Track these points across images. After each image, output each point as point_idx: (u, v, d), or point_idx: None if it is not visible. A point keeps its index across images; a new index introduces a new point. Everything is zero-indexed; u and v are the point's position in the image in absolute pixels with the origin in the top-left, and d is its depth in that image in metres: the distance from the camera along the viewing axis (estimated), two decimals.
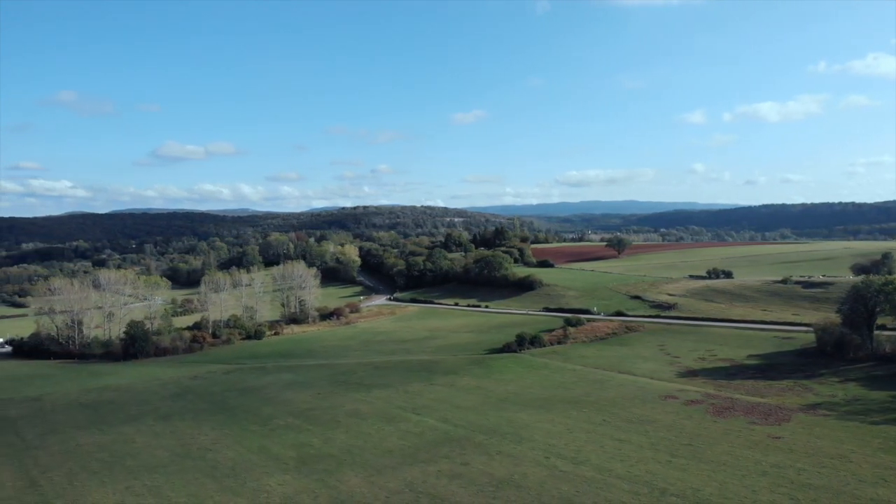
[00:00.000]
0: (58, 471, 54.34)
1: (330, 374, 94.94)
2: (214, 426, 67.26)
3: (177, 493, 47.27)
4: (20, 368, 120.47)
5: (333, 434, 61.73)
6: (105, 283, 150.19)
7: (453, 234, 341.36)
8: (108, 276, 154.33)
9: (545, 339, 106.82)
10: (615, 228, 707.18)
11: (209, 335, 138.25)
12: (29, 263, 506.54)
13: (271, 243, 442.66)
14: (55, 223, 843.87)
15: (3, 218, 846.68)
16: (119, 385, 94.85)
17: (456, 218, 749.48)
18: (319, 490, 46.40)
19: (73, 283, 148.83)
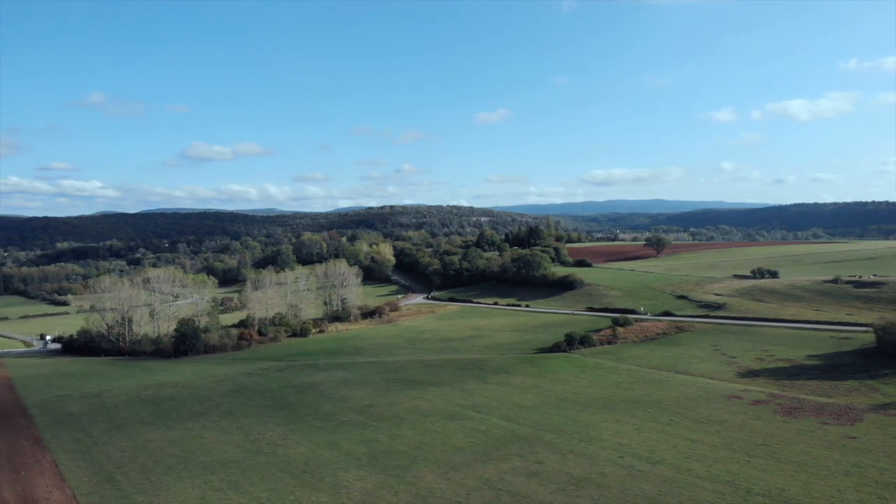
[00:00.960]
0: (131, 466, 55.21)
1: (382, 371, 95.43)
2: (279, 422, 67.95)
3: (256, 488, 47.82)
4: (73, 365, 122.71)
5: (399, 430, 62.01)
6: (154, 282, 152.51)
7: (486, 234, 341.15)
8: (157, 275, 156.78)
9: (595, 339, 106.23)
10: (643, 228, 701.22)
11: (256, 333, 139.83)
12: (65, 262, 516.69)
13: (305, 242, 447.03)
14: (88, 222, 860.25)
15: (37, 217, 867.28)
16: (176, 382, 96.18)
17: (482, 217, 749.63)
18: (397, 486, 46.67)
19: (123, 282, 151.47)
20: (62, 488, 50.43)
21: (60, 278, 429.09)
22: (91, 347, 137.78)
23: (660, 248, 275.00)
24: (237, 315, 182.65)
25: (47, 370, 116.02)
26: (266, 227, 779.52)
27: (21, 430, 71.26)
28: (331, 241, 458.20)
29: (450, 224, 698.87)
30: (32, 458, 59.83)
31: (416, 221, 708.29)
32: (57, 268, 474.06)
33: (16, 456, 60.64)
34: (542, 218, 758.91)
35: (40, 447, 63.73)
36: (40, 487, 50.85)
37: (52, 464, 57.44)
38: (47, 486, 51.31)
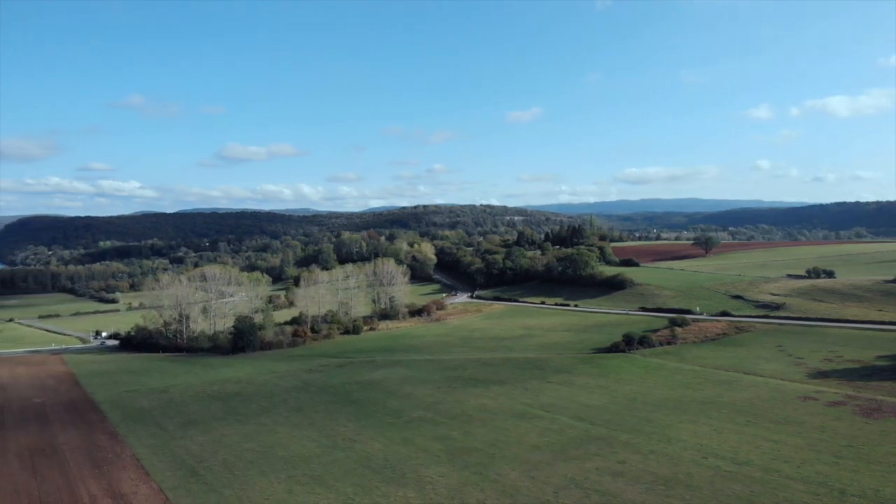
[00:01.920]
0: (212, 461, 56.01)
1: (440, 369, 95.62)
2: (349, 418, 68.45)
3: (341, 483, 48.16)
4: (133, 362, 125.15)
5: (470, 428, 61.97)
6: (210, 279, 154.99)
7: (526, 233, 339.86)
8: (213, 272, 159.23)
9: (654, 340, 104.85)
10: (680, 227, 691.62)
11: (309, 330, 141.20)
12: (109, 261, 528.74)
13: (345, 242, 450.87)
14: (129, 222, 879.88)
15: (80, 217, 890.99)
16: (239, 378, 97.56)
17: (516, 217, 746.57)
18: (482, 483, 46.60)
19: (181, 279, 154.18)
20: (147, 482, 51.35)
21: (106, 276, 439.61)
22: (149, 344, 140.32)
23: (708, 247, 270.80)
24: (285, 312, 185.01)
25: (109, 366, 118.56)
26: (302, 227, 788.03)
27: (96, 425, 72.85)
28: (370, 240, 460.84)
29: (483, 223, 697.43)
30: (112, 452, 61.08)
31: (450, 221, 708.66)
32: (102, 266, 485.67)
33: (95, 451, 61.96)
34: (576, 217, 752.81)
35: (118, 442, 65.08)
36: (125, 482, 51.84)
37: (133, 458, 58.59)
38: (132, 480, 52.32)
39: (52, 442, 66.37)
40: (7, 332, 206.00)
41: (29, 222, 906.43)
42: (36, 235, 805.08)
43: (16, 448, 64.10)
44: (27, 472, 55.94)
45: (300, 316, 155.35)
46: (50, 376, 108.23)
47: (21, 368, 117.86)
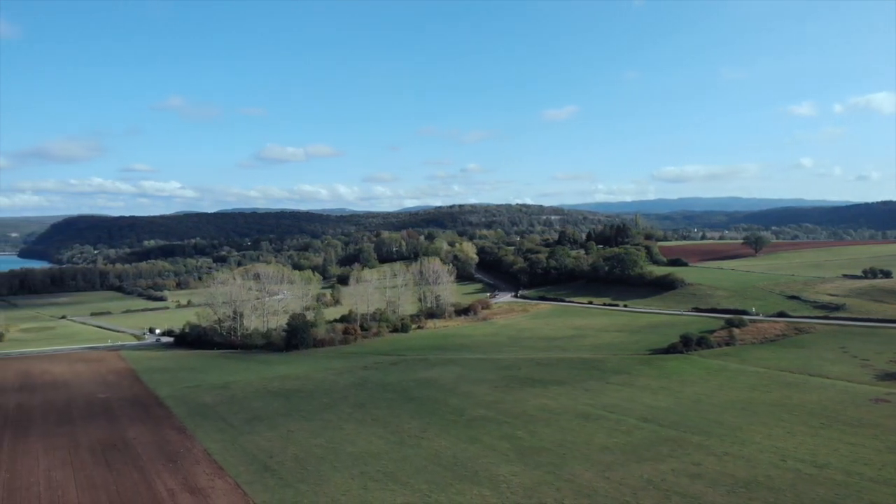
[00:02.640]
0: (283, 456, 56.59)
1: (494, 368, 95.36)
2: (412, 415, 68.68)
3: (414, 480, 48.26)
4: (190, 358, 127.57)
5: (535, 428, 61.60)
6: (264, 277, 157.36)
7: (567, 232, 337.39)
8: (267, 271, 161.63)
9: (712, 340, 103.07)
10: (720, 226, 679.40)
11: (359, 328, 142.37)
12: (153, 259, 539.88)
13: (384, 241, 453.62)
14: (171, 221, 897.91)
15: (124, 217, 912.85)
16: (297, 374, 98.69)
17: (552, 216, 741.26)
18: (557, 483, 46.25)
19: (234, 277, 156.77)
20: (222, 477, 52.12)
21: (153, 275, 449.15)
22: (204, 341, 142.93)
23: (758, 246, 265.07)
24: (331, 311, 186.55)
25: (167, 363, 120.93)
26: (340, 227, 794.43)
27: (163, 421, 74.29)
28: (409, 239, 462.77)
29: (519, 223, 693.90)
30: (182, 447, 62.19)
31: (486, 220, 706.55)
32: (149, 265, 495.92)
33: (166, 445, 63.15)
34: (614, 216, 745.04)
35: (187, 436, 66.27)
36: (200, 476, 52.69)
37: (204, 453, 59.54)
38: (206, 474, 53.15)
39: (122, 436, 67.91)
40: (61, 329, 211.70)
41: (74, 222, 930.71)
42: (81, 235, 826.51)
43: (87, 442, 65.64)
44: (101, 466, 57.22)
45: (349, 314, 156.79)
46: (110, 372, 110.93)
47: (81, 365, 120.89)
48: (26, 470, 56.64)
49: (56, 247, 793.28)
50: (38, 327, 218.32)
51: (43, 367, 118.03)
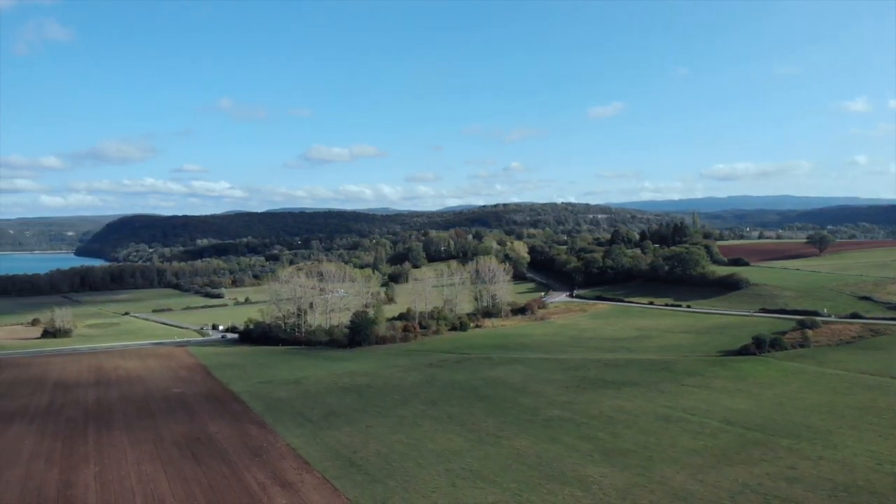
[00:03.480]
0: (365, 451, 57.05)
1: (561, 368, 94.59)
2: (486, 413, 68.56)
3: (502, 479, 48.12)
4: (258, 354, 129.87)
5: (615, 429, 60.79)
6: (326, 275, 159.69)
7: (621, 231, 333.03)
8: (329, 269, 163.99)
9: (785, 342, 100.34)
10: (773, 225, 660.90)
11: (417, 326, 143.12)
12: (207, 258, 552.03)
13: (432, 240, 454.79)
14: (223, 221, 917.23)
15: (178, 216, 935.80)
16: (365, 371, 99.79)
17: (599, 215, 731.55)
18: (649, 485, 45.56)
19: (299, 274, 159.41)
20: (309, 471, 52.74)
21: (209, 273, 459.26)
22: (269, 337, 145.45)
23: (822, 246, 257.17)
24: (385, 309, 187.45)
25: (235, 358, 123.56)
26: (386, 226, 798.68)
27: (242, 415, 75.74)
28: (457, 238, 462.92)
29: (565, 222, 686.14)
30: (265, 441, 63.25)
31: (531, 219, 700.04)
32: (204, 263, 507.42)
33: (249, 440, 64.30)
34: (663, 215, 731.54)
35: (267, 431, 67.40)
36: (287, 470, 53.42)
37: (288, 447, 60.43)
38: (293, 468, 53.86)
39: (204, 431, 69.46)
40: (125, 325, 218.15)
41: (129, 221, 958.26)
42: (136, 234, 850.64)
43: (171, 436, 67.25)
44: (189, 459, 58.48)
45: (407, 312, 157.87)
46: (182, 367, 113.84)
47: (152, 360, 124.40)
48: (115, 463, 58.29)
49: (112, 245, 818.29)
50: (103, 323, 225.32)
51: (115, 363, 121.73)
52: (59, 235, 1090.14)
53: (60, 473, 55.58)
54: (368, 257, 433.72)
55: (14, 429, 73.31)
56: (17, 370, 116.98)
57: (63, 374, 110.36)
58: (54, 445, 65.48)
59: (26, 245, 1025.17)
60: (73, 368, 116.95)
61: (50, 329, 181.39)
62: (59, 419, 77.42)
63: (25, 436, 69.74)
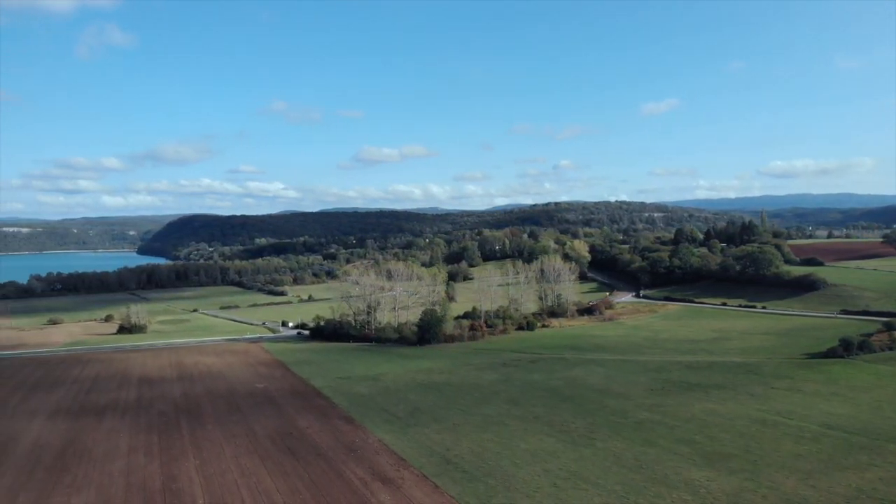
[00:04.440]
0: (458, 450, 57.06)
1: (641, 370, 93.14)
2: (574, 414, 68.00)
3: (604, 481, 47.62)
4: (331, 350, 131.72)
5: (712, 433, 59.48)
6: (395, 273, 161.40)
7: (685, 229, 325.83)
8: (398, 267, 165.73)
9: (874, 345, 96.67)
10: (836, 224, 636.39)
11: (484, 325, 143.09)
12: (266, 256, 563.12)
13: (487, 239, 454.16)
14: (279, 220, 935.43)
15: (236, 216, 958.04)
16: (440, 368, 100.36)
17: (655, 213, 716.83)
18: (759, 490, 44.55)
19: (369, 272, 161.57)
20: (407, 468, 53.15)
21: (269, 271, 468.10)
22: (339, 333, 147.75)
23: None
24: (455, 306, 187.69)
25: (309, 354, 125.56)
26: (436, 225, 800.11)
27: (328, 410, 76.88)
28: (512, 237, 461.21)
29: (619, 220, 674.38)
30: (357, 437, 64.03)
31: (583, 218, 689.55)
32: (264, 261, 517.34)
33: (340, 435, 65.20)
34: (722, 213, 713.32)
35: (356, 426, 68.27)
36: (384, 466, 53.95)
37: (380, 444, 61.01)
38: (390, 464, 54.37)
39: (294, 425, 70.80)
40: (196, 322, 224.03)
41: (189, 221, 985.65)
42: (196, 233, 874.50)
43: (263, 431, 68.66)
44: (285, 453, 59.61)
45: (472, 311, 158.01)
46: (260, 363, 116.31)
47: (229, 356, 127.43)
48: (214, 457, 59.82)
49: (173, 244, 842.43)
50: (173, 320, 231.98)
51: (194, 359, 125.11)
52: (122, 234, 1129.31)
53: (161, 466, 57.27)
54: (424, 257, 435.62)
55: (107, 422, 75.80)
56: (101, 365, 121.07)
57: (145, 370, 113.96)
58: (150, 439, 67.59)
59: (90, 244, 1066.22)
60: (153, 364, 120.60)
61: (126, 325, 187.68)
62: (150, 413, 79.86)
63: (120, 429, 72.10)
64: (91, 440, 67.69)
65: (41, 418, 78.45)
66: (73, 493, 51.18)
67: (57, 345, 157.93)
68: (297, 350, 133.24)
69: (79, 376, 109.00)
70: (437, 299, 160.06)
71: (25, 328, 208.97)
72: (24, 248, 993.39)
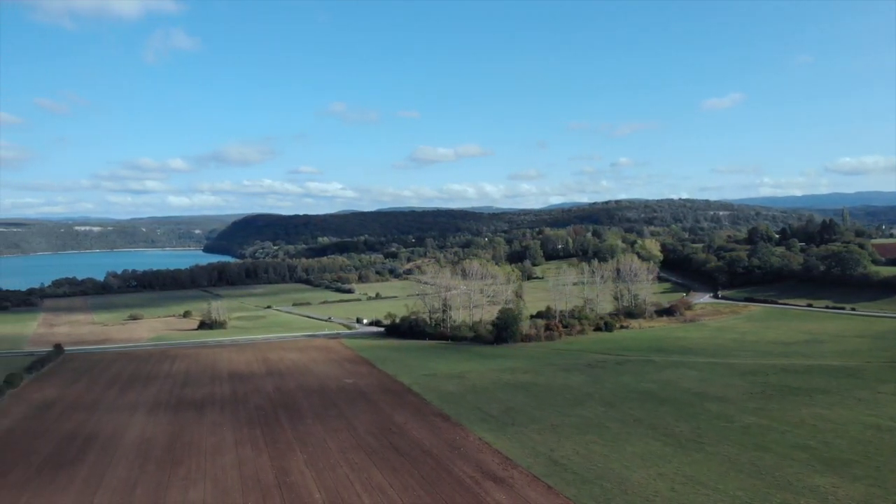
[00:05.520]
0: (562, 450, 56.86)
1: (736, 373, 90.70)
2: (675, 418, 66.65)
3: (724, 486, 46.54)
4: (409, 348, 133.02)
5: (825, 438, 57.43)
6: (469, 272, 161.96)
7: (760, 228, 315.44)
8: (473, 266, 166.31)
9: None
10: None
11: (559, 324, 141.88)
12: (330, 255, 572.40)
13: (549, 238, 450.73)
14: (339, 220, 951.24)
15: (298, 215, 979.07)
16: (524, 368, 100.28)
17: (720, 212, 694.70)
18: (890, 496, 43.19)
19: (444, 271, 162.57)
20: (514, 467, 52.98)
21: (335, 269, 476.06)
22: (415, 331, 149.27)
23: None
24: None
25: (390, 351, 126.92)
26: (493, 224, 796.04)
27: (421, 407, 77.44)
28: (576, 236, 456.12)
29: (683, 219, 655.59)
30: (456, 434, 64.25)
31: (645, 216, 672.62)
32: (329, 260, 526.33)
33: (440, 432, 65.54)
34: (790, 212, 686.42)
35: (452, 424, 68.57)
36: (491, 465, 53.91)
37: (481, 441, 61.12)
38: (496, 463, 54.34)
39: (392, 421, 71.57)
40: (271, 318, 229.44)
41: (253, 220, 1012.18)
42: (260, 232, 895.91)
43: (362, 427, 69.54)
44: (390, 449, 60.20)
45: (546, 310, 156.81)
46: (344, 360, 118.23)
47: (312, 352, 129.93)
48: (320, 451, 60.91)
49: (238, 242, 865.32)
50: (249, 316, 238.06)
51: (278, 354, 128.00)
52: (188, 233, 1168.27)
53: (271, 460, 58.60)
54: (486, 255, 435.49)
55: (208, 416, 78.00)
56: (189, 360, 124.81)
57: (233, 365, 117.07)
58: (253, 433, 69.29)
59: (158, 242, 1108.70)
60: (240, 359, 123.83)
61: (206, 321, 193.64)
62: (248, 407, 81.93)
63: (222, 423, 74.13)
64: (196, 434, 69.83)
65: (142, 412, 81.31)
66: (189, 485, 52.72)
67: (142, 340, 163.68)
68: (376, 347, 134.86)
69: (170, 371, 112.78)
70: (510, 298, 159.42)
71: (108, 323, 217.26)
72: (95, 246, 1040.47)
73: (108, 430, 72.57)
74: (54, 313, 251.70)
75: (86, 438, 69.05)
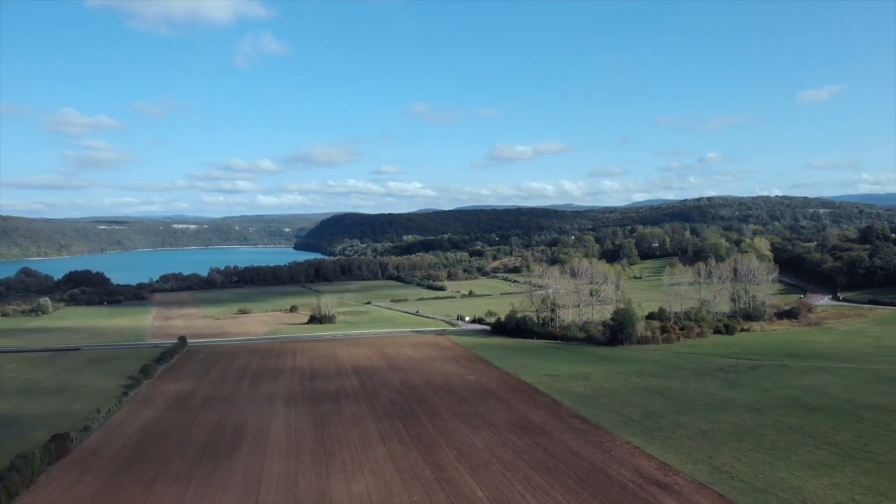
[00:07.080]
0: (720, 457, 55.38)
1: (882, 379, 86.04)
2: (833, 426, 63.58)
3: None
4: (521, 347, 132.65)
5: None
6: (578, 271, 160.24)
7: (875, 227, 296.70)
8: (583, 265, 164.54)
9: None
10: None
11: (675, 326, 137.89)
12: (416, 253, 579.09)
13: (644, 236, 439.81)
14: (421, 218, 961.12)
15: (384, 214, 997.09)
16: (651, 371, 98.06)
17: (820, 209, 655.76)
18: None
19: (553, 270, 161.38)
20: (675, 473, 51.58)
21: (424, 266, 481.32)
22: (522, 330, 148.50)
23: None
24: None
25: (502, 350, 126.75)
26: (575, 222, 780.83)
27: (554, 407, 76.93)
28: (673, 234, 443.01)
29: (780, 217, 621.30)
30: (600, 437, 63.25)
31: (739, 214, 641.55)
32: (418, 257, 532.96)
33: (581, 433, 64.80)
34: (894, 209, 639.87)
35: (592, 426, 67.60)
36: (648, 469, 52.78)
37: (629, 445, 59.91)
38: (655, 468, 53.04)
39: (527, 419, 71.47)
40: (373, 314, 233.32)
41: (340, 219, 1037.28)
42: (347, 230, 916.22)
43: (501, 424, 69.60)
44: (536, 449, 59.88)
45: (660, 311, 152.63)
46: (458, 357, 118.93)
47: (425, 348, 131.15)
48: (467, 447, 61.28)
49: (327, 240, 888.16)
50: (353, 311, 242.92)
51: (394, 349, 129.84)
52: (278, 231, 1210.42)
53: (422, 454, 59.41)
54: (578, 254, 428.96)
55: (346, 408, 79.84)
56: (309, 354, 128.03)
57: (353, 359, 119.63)
58: (395, 426, 70.53)
59: (250, 240, 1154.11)
60: (358, 353, 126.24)
61: (316, 316, 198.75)
62: (381, 401, 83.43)
63: (362, 416, 75.73)
64: (339, 426, 71.60)
65: (280, 404, 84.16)
66: (349, 477, 53.96)
67: (257, 334, 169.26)
68: (486, 345, 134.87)
69: (295, 364, 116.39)
70: (619, 298, 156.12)
71: (220, 317, 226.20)
72: (191, 243, 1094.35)
73: (254, 421, 75.35)
74: (166, 307, 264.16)
75: (234, 429, 71.92)
